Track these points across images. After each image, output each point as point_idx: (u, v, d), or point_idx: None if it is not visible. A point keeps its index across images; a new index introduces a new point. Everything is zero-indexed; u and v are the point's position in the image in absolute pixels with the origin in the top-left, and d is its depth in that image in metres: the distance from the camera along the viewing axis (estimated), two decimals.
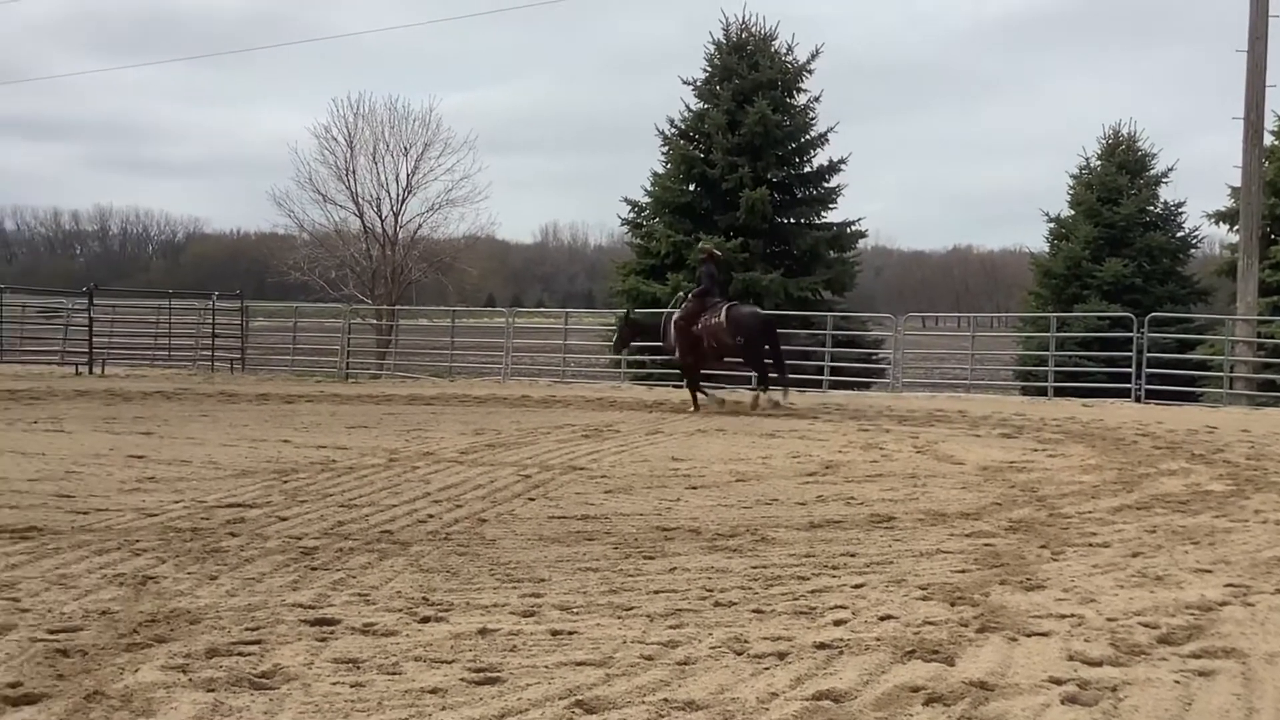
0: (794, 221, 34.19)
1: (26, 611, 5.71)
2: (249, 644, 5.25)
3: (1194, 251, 39.21)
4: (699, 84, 34.45)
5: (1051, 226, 38.56)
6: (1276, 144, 31.68)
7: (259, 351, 31.08)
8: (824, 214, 34.49)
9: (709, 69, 34.41)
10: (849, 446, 13.87)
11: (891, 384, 25.59)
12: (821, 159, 34.53)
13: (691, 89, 34.51)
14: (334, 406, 19.05)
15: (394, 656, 5.12)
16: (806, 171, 34.49)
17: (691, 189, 33.84)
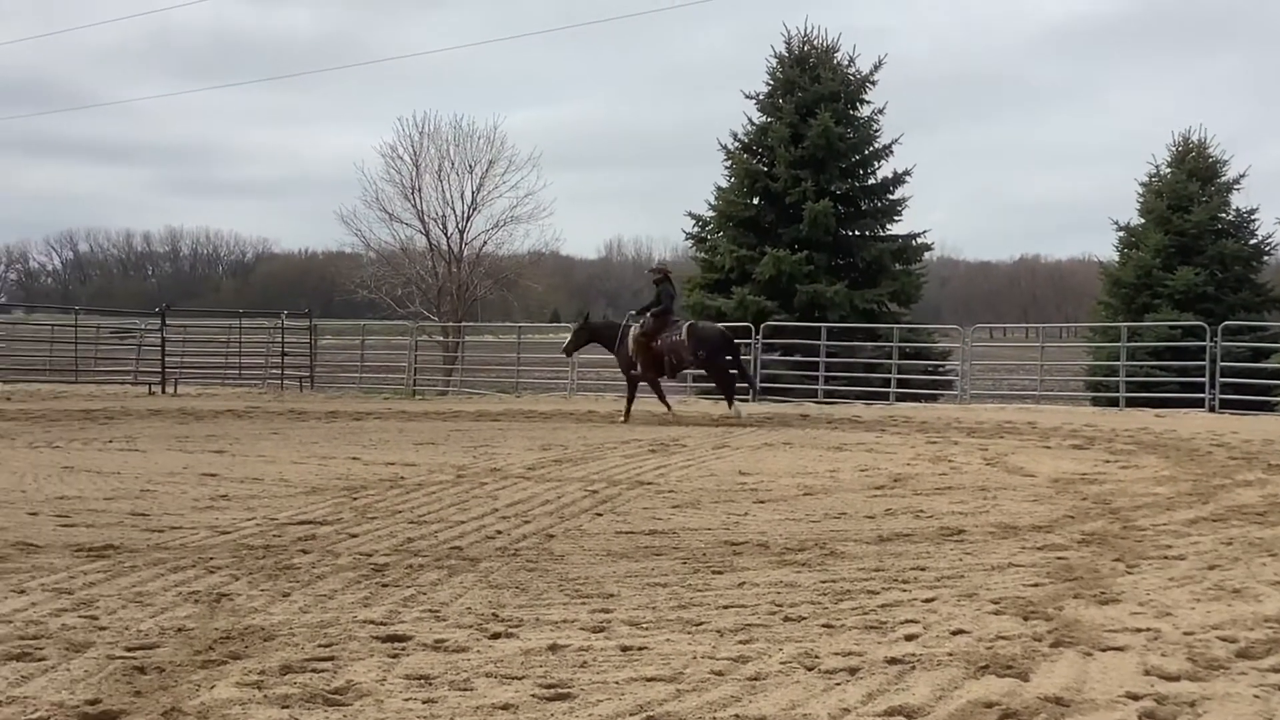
0: (858, 234, 33.97)
1: (104, 629, 5.78)
2: (322, 660, 5.28)
3: (1267, 259, 38.37)
4: (761, 97, 34.38)
5: (1121, 235, 37.99)
6: None
7: (327, 369, 31.47)
8: (889, 226, 34.35)
9: (771, 82, 34.33)
10: (917, 459, 13.77)
11: (959, 396, 25.40)
12: (886, 171, 34.34)
13: (754, 102, 34.52)
14: (401, 423, 19.21)
15: (465, 672, 5.13)
16: (871, 184, 34.23)
17: (755, 202, 33.81)
